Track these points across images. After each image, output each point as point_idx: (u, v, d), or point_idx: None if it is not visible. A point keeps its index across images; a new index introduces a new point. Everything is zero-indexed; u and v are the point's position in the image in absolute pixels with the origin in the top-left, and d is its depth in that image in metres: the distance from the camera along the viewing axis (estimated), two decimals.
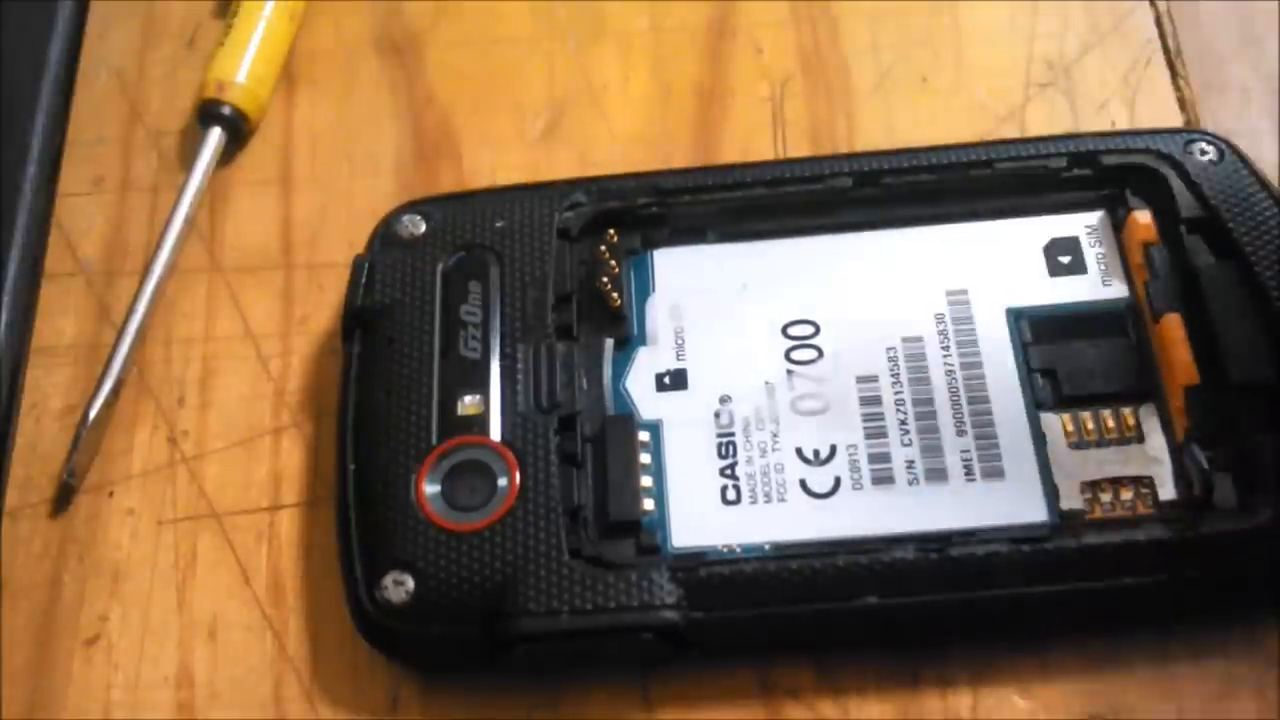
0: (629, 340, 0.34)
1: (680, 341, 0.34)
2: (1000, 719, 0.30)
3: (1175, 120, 0.37)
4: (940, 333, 0.33)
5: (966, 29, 0.40)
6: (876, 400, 0.32)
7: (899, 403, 0.32)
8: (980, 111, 0.38)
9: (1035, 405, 0.32)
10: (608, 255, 0.34)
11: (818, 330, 0.33)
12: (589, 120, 0.39)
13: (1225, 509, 0.30)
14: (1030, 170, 0.35)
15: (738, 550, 0.31)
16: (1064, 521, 0.30)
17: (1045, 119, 0.38)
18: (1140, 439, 0.31)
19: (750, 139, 0.38)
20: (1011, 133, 0.38)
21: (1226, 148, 0.34)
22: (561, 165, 0.38)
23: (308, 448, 0.35)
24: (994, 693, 0.30)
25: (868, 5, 0.40)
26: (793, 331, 0.33)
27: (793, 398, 0.33)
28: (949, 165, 0.35)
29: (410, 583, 0.30)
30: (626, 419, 0.32)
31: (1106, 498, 0.31)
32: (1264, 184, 0.34)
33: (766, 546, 0.31)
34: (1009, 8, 0.40)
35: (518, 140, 0.39)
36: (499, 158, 0.39)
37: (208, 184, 0.38)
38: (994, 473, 0.31)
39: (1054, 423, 0.32)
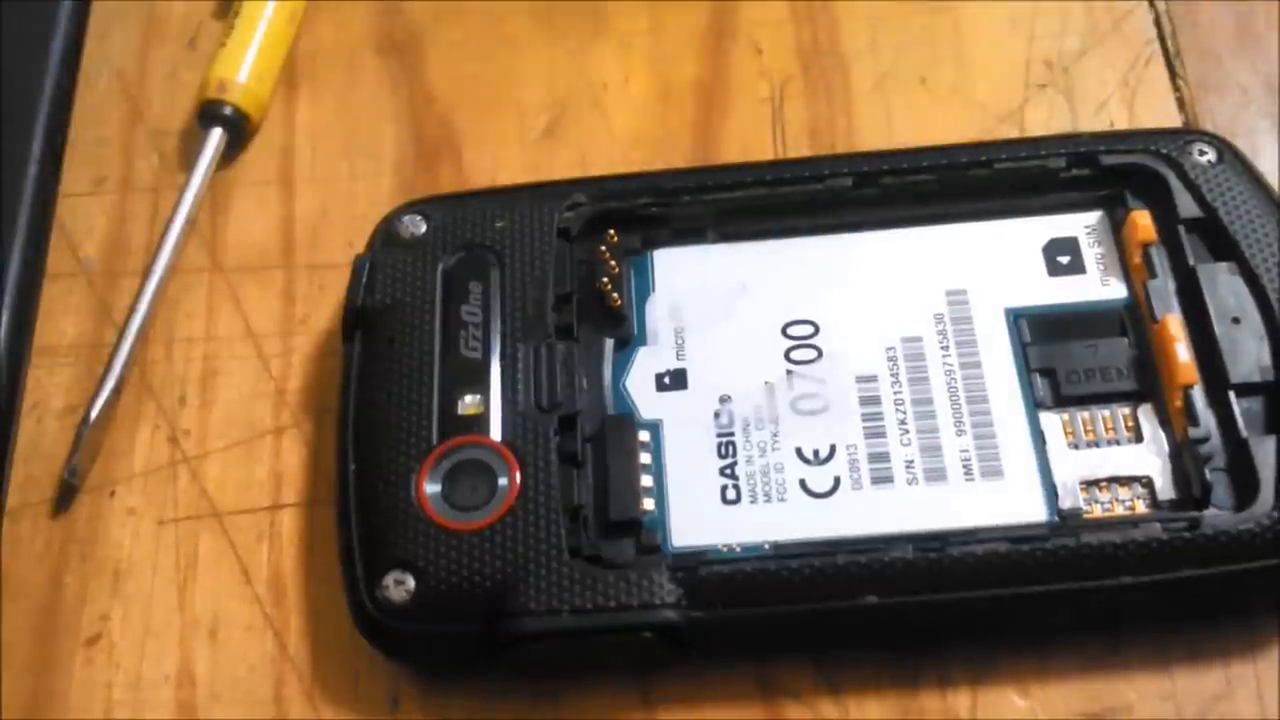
0: (629, 340, 0.34)
1: (680, 341, 0.34)
2: (999, 719, 0.30)
3: (1174, 120, 0.38)
4: (939, 333, 0.33)
5: (966, 29, 0.40)
6: (876, 400, 0.32)
7: (898, 402, 0.32)
8: (979, 111, 0.38)
9: (1034, 405, 0.32)
10: (608, 255, 0.34)
11: (817, 330, 0.33)
12: (589, 120, 0.39)
13: (1224, 509, 0.30)
14: (1029, 170, 0.35)
15: (737, 550, 0.31)
16: (1063, 521, 0.30)
17: (1044, 119, 0.38)
18: (1139, 439, 0.31)
19: (750, 139, 0.38)
20: (1010, 133, 0.38)
21: (1225, 148, 0.34)
22: (562, 165, 0.38)
23: (308, 447, 0.35)
24: (993, 692, 0.30)
25: (868, 5, 0.40)
26: (792, 331, 0.34)
27: (792, 397, 0.33)
28: (948, 165, 0.35)
29: (411, 582, 0.30)
30: (626, 419, 0.32)
31: (1105, 497, 0.31)
32: (1263, 184, 0.34)
33: (766, 546, 0.31)
34: (1008, 8, 0.40)
35: (518, 140, 0.39)
36: (499, 158, 0.39)
37: (209, 184, 0.38)
38: (993, 472, 0.31)
39: (1053, 422, 0.32)
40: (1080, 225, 0.34)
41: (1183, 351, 0.31)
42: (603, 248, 0.34)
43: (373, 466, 0.32)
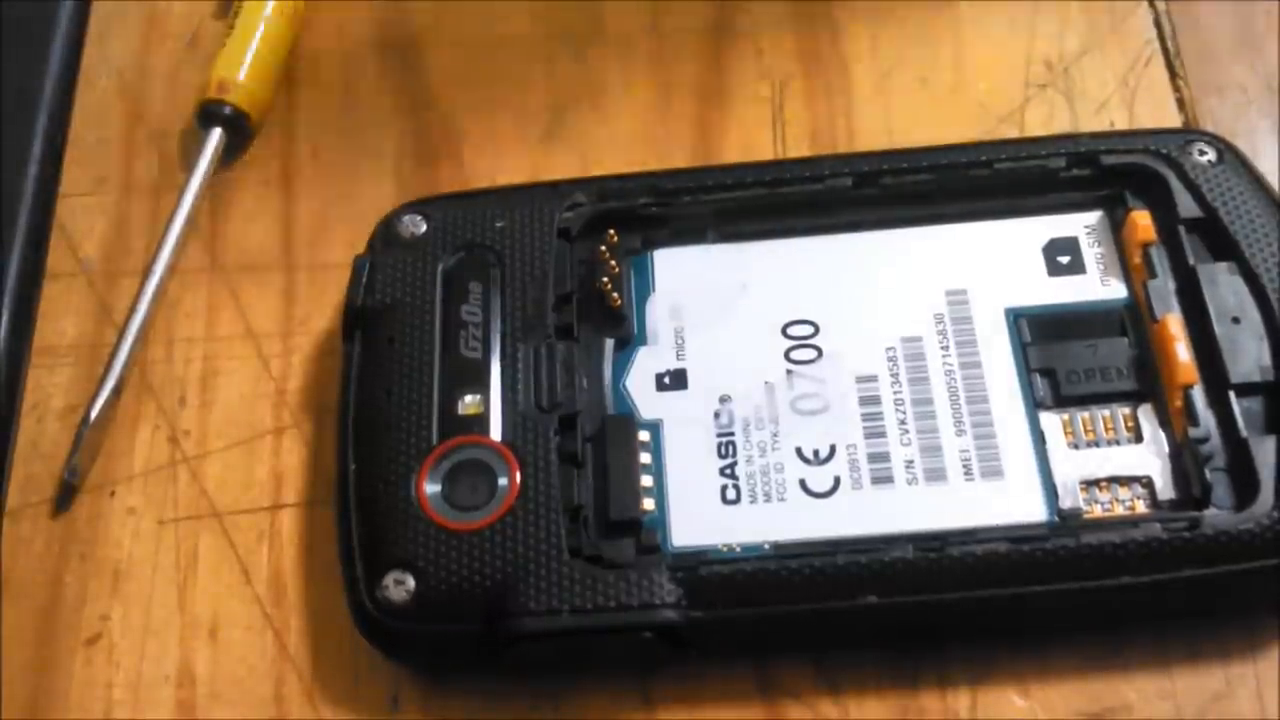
0: (629, 340, 0.34)
1: (680, 341, 0.34)
2: (999, 718, 0.30)
3: (1174, 121, 0.38)
4: (939, 333, 0.33)
5: (966, 29, 0.40)
6: (876, 400, 0.32)
7: (898, 402, 0.32)
8: (979, 112, 0.38)
9: (1034, 405, 0.32)
10: (608, 255, 0.34)
11: (817, 330, 0.33)
12: (589, 121, 0.39)
13: (1224, 509, 0.30)
14: (1029, 170, 0.35)
15: (737, 550, 0.31)
16: (1063, 521, 0.30)
17: (1044, 119, 0.38)
18: (1139, 439, 0.31)
19: (750, 139, 0.38)
20: (1010, 133, 0.38)
21: (1225, 148, 0.34)
22: (562, 165, 0.38)
23: (308, 447, 0.35)
24: (993, 692, 0.30)
25: (868, 5, 0.40)
26: (792, 331, 0.34)
27: (792, 397, 0.33)
28: (948, 165, 0.35)
29: (411, 582, 0.30)
30: (626, 419, 0.32)
31: (1105, 497, 0.31)
32: (1263, 184, 0.34)
33: (766, 546, 0.31)
34: (1008, 9, 0.40)
35: (518, 140, 0.39)
36: (500, 158, 0.39)
37: (209, 184, 0.38)
38: (993, 472, 0.31)
39: (1053, 422, 0.32)
40: (1080, 225, 0.34)
41: (1183, 351, 0.31)
42: (603, 248, 0.34)
43: (373, 466, 0.32)
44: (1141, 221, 0.33)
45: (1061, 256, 0.34)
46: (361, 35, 0.41)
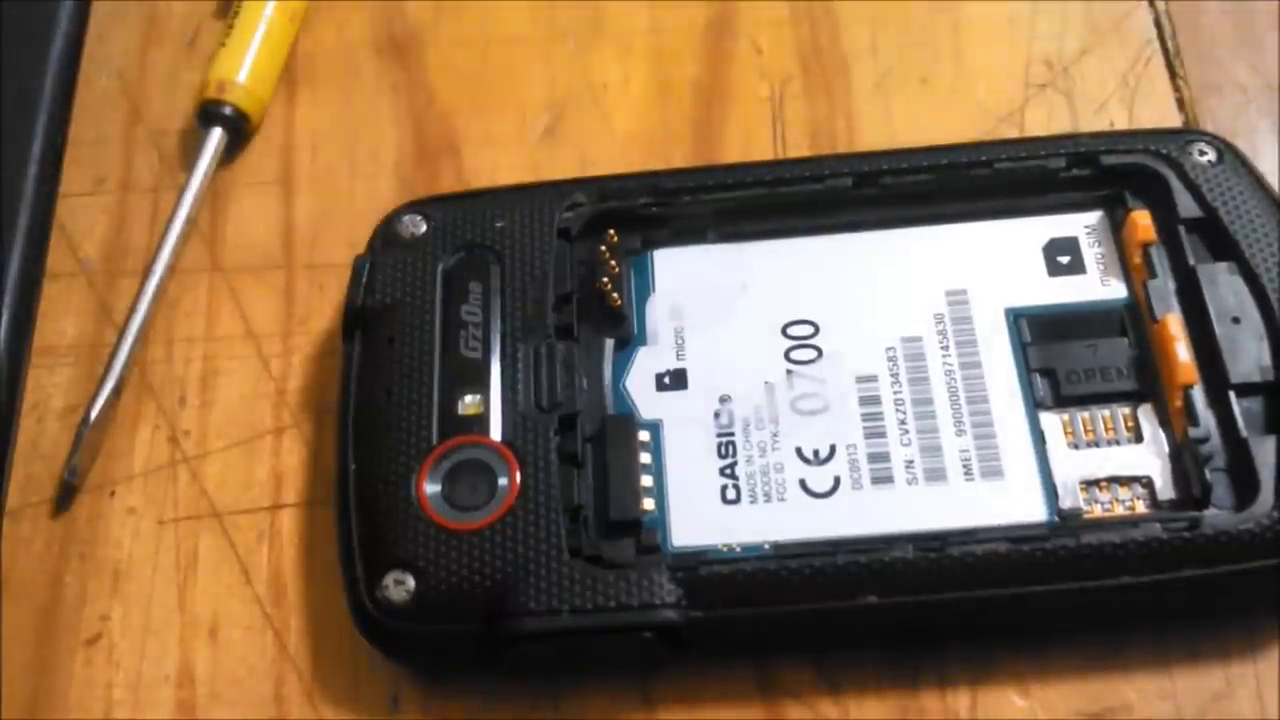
0: (629, 340, 0.34)
1: (680, 341, 0.34)
2: (999, 718, 0.30)
3: (1174, 120, 0.38)
4: (939, 333, 0.33)
5: (966, 29, 0.40)
6: (876, 400, 0.32)
7: (898, 402, 0.32)
8: (980, 111, 0.38)
9: (1034, 405, 0.32)
10: (608, 255, 0.34)
11: (817, 330, 0.33)
12: (589, 120, 0.39)
13: (1223, 509, 0.30)
14: (1029, 170, 0.35)
15: (737, 550, 0.31)
16: (1063, 521, 0.30)
17: (1044, 119, 0.38)
18: (1139, 439, 0.31)
19: (750, 139, 0.38)
20: (1010, 133, 0.38)
21: (1225, 148, 0.34)
22: (562, 165, 0.38)
23: (308, 447, 0.35)
24: (993, 692, 0.30)
25: (868, 5, 0.40)
26: (792, 331, 0.34)
27: (792, 397, 0.33)
28: (948, 165, 0.35)
29: (411, 582, 0.30)
30: (626, 419, 0.32)
31: (1105, 497, 0.31)
32: (1263, 184, 0.34)
33: (766, 546, 0.31)
34: (1008, 8, 0.40)
35: (518, 140, 0.39)
36: (499, 158, 0.39)
37: (209, 184, 0.38)
38: (993, 472, 0.31)
39: (1053, 422, 0.32)
40: (1080, 225, 0.34)
41: (1183, 351, 0.31)
42: (603, 248, 0.34)
43: (373, 466, 0.32)
44: (1141, 221, 0.33)
45: (1061, 256, 0.34)
46: (361, 34, 0.41)
